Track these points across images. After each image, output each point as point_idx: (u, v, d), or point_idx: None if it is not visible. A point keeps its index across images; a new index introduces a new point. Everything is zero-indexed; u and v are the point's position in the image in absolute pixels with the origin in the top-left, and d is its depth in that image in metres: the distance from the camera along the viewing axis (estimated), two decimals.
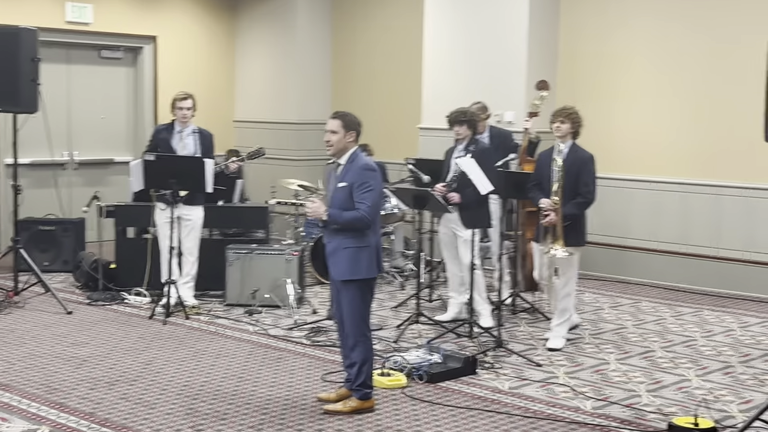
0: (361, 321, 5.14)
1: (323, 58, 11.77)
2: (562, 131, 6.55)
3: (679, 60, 8.95)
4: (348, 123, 5.16)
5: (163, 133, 7.64)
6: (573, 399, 5.50)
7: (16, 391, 5.45)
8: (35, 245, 9.06)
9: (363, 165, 5.09)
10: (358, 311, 5.12)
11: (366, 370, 5.15)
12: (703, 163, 8.86)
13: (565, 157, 6.53)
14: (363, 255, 5.06)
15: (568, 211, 6.46)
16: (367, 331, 5.17)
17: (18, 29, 7.51)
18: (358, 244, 5.04)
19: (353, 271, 5.06)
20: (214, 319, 7.34)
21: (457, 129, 7.09)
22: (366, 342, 5.15)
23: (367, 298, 5.17)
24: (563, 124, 6.54)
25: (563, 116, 6.54)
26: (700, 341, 6.95)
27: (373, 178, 5.06)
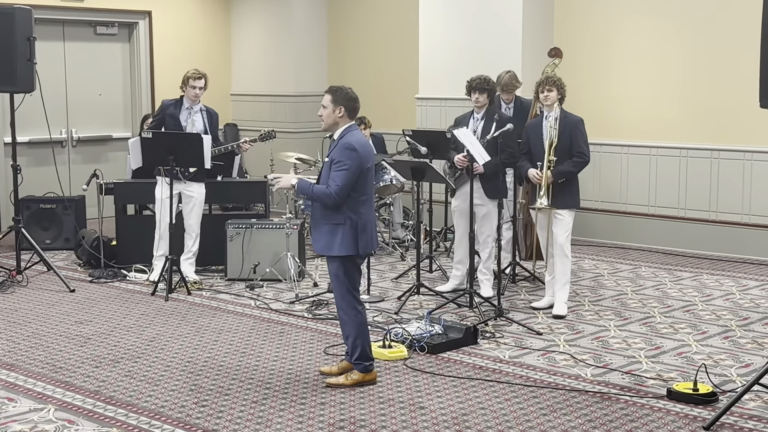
0: (348, 295, 5.15)
1: (319, 29, 11.73)
2: (551, 99, 6.61)
3: (676, 23, 8.93)
4: (337, 98, 5.15)
5: (171, 109, 7.63)
6: (573, 367, 5.55)
7: (21, 371, 5.51)
8: (36, 223, 9.11)
9: (345, 143, 5.06)
10: (343, 286, 5.14)
11: (360, 344, 5.17)
12: (700, 127, 8.87)
13: (559, 123, 6.59)
14: (338, 232, 5.07)
15: (565, 169, 6.55)
16: (357, 304, 5.17)
17: (13, 9, 7.48)
18: (334, 221, 5.07)
19: (329, 247, 5.10)
20: (216, 295, 7.39)
21: (477, 96, 7.02)
22: (356, 316, 5.15)
23: (352, 273, 5.15)
24: (551, 92, 6.60)
25: (550, 84, 6.60)
26: (699, 306, 7.00)
27: (351, 158, 5.01)
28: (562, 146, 6.57)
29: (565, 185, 6.60)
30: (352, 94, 5.20)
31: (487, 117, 7.03)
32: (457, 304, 6.92)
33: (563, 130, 6.58)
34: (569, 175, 6.57)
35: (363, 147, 5.10)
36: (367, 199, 5.16)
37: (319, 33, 11.74)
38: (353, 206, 5.09)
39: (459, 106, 9.27)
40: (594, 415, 4.78)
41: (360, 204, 5.11)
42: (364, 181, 5.12)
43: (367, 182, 5.15)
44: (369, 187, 5.18)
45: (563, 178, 6.56)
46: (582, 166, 6.64)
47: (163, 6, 11.35)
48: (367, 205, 5.17)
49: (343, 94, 5.17)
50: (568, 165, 6.56)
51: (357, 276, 5.24)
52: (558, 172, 6.55)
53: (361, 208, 5.11)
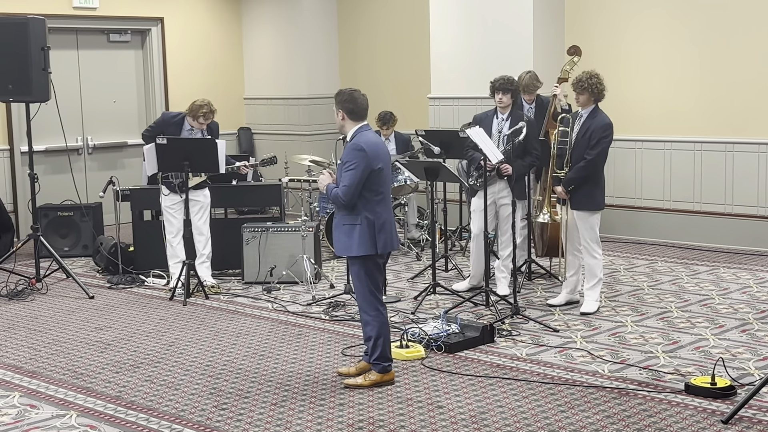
0: (370, 295, 5.18)
1: (329, 31, 11.77)
2: (582, 102, 6.60)
3: (689, 17, 8.90)
4: (336, 102, 5.21)
5: (172, 128, 7.65)
6: (591, 363, 5.56)
7: (43, 378, 5.57)
8: (54, 231, 9.19)
9: (352, 144, 5.10)
10: (365, 287, 5.17)
11: (381, 344, 5.21)
12: (713, 121, 8.85)
13: (583, 123, 6.58)
14: (355, 232, 5.10)
15: (570, 176, 6.56)
16: (379, 305, 5.21)
17: (27, 19, 7.56)
18: (350, 221, 5.12)
19: (347, 247, 5.14)
20: (233, 298, 7.43)
21: (500, 97, 7.02)
22: (378, 317, 5.19)
23: (372, 273, 5.18)
24: (581, 95, 6.57)
25: (579, 89, 6.56)
26: (717, 299, 6.99)
27: (357, 157, 5.04)
28: (581, 149, 6.55)
29: (582, 187, 6.58)
30: (349, 96, 5.18)
31: (512, 117, 7.02)
32: (474, 302, 6.93)
33: (586, 131, 6.54)
34: (575, 181, 6.55)
35: (371, 147, 5.10)
36: (383, 199, 5.19)
37: (330, 35, 11.78)
38: (369, 206, 5.12)
39: (472, 105, 9.29)
40: (612, 411, 4.79)
41: (376, 203, 5.14)
42: (377, 181, 5.13)
43: (382, 181, 5.16)
44: (384, 187, 5.19)
45: (571, 185, 6.57)
46: (587, 170, 6.54)
47: (175, 12, 11.42)
48: (384, 205, 5.19)
49: (340, 97, 5.21)
50: (573, 172, 6.56)
51: (378, 276, 5.26)
52: (565, 181, 6.58)
53: (377, 208, 5.14)
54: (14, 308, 7.29)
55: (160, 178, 7.64)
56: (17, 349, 6.18)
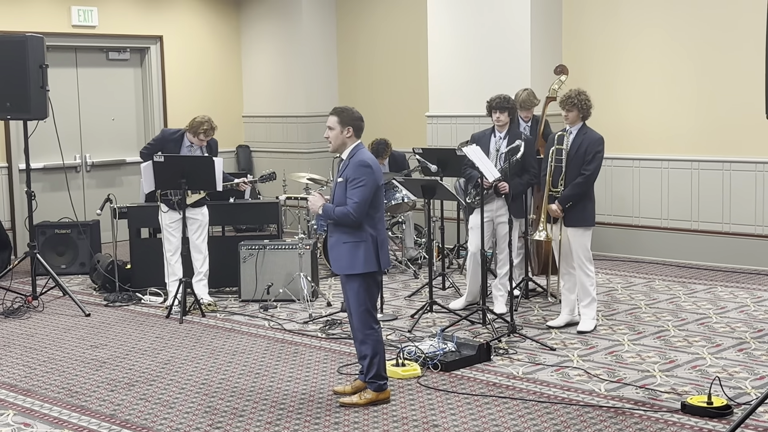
0: (367, 315, 5.18)
1: (329, 49, 11.81)
2: (570, 119, 6.62)
3: (685, 37, 8.94)
4: (344, 119, 5.18)
5: (171, 145, 7.66)
6: (587, 382, 5.54)
7: (37, 396, 5.55)
8: (52, 249, 9.19)
9: (359, 161, 5.10)
10: (363, 305, 5.16)
11: (377, 363, 5.20)
12: (710, 139, 8.86)
13: (574, 139, 6.61)
14: (360, 250, 5.10)
15: (567, 193, 6.57)
16: (374, 323, 5.20)
17: (25, 37, 7.58)
18: (355, 239, 5.10)
19: (352, 265, 5.11)
20: (230, 316, 7.42)
21: (498, 116, 7.03)
22: (373, 335, 5.18)
23: (372, 291, 5.19)
24: (570, 112, 6.60)
25: (568, 105, 6.59)
26: (714, 318, 6.98)
27: (366, 174, 5.05)
28: (575, 166, 6.58)
29: (577, 204, 6.59)
30: (357, 113, 5.25)
31: (510, 136, 7.03)
32: (470, 321, 6.92)
33: (578, 148, 6.57)
34: (572, 198, 6.56)
35: (375, 164, 5.17)
36: (382, 216, 5.24)
37: (329, 53, 11.82)
38: (372, 223, 5.14)
39: (469, 123, 9.31)
40: (608, 430, 4.77)
41: (377, 221, 5.17)
42: (378, 198, 5.18)
43: (381, 199, 5.22)
44: (382, 204, 5.25)
45: (568, 203, 6.58)
46: (584, 187, 6.56)
47: (174, 31, 11.46)
48: (383, 222, 5.25)
49: (349, 114, 5.21)
50: (570, 189, 6.57)
51: (376, 293, 5.27)
52: (562, 198, 6.59)
53: (378, 225, 5.18)
54: (10, 326, 7.27)
55: (159, 196, 7.65)
56: (12, 367, 6.17)
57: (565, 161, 6.60)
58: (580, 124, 6.65)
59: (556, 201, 6.62)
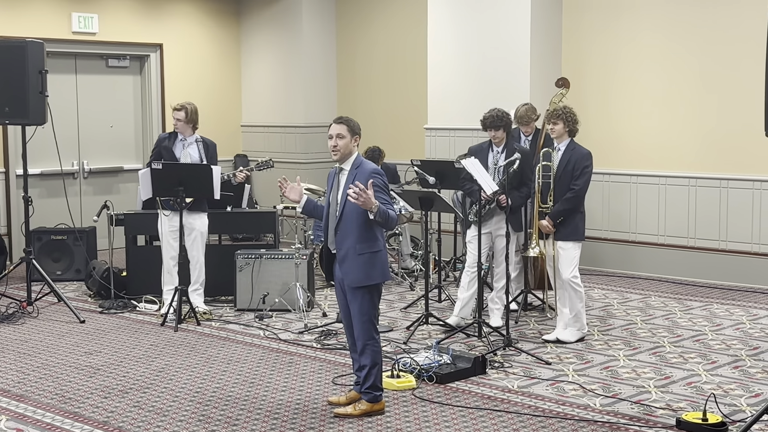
0: (371, 325, 5.18)
1: (328, 60, 11.83)
2: (557, 132, 6.66)
3: (684, 53, 8.96)
4: (353, 128, 5.20)
5: (166, 142, 7.72)
6: (582, 397, 5.53)
7: (30, 402, 5.52)
8: (47, 255, 9.17)
9: (373, 169, 5.13)
10: (368, 315, 5.16)
11: (375, 373, 5.19)
12: (708, 156, 8.88)
13: (562, 156, 6.63)
14: (377, 260, 5.10)
15: (558, 209, 6.59)
16: (376, 334, 5.21)
17: (25, 42, 7.58)
18: (371, 249, 5.08)
19: (369, 276, 5.08)
20: (225, 325, 7.40)
21: (493, 133, 7.02)
22: (374, 345, 5.19)
23: (376, 302, 5.22)
24: (556, 125, 6.64)
25: (554, 117, 6.66)
26: (710, 335, 6.97)
27: (384, 183, 5.17)
28: (564, 182, 6.61)
29: (567, 218, 6.61)
30: (357, 122, 5.31)
31: (507, 149, 7.02)
32: (466, 333, 6.91)
33: (567, 164, 6.60)
34: (563, 213, 6.59)
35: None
36: None
37: (328, 64, 11.84)
38: (381, 233, 5.19)
39: (468, 136, 9.33)
40: None
41: (381, 229, 5.19)
42: None
43: None
44: None
45: (559, 218, 6.60)
46: (574, 202, 6.60)
47: (174, 39, 11.48)
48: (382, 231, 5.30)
49: (355, 124, 5.25)
50: (560, 205, 6.60)
51: (379, 303, 5.30)
52: (553, 213, 6.60)
53: (383, 235, 5.25)
54: (4, 331, 7.24)
55: (159, 201, 7.62)
56: (6, 372, 6.14)
57: (554, 177, 6.63)
58: (567, 140, 6.68)
59: (546, 217, 6.64)
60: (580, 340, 6.76)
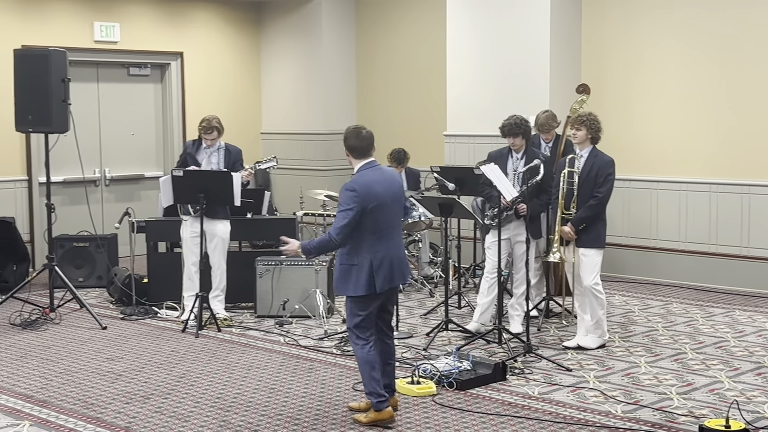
0: (351, 333, 5.18)
1: (348, 68, 11.86)
2: (579, 138, 6.64)
3: (705, 58, 8.92)
4: (344, 144, 5.24)
5: (191, 149, 7.77)
6: (603, 403, 5.51)
7: (53, 407, 5.56)
8: (70, 262, 9.23)
9: (345, 185, 5.12)
10: (351, 323, 5.18)
11: (365, 378, 5.14)
12: (730, 163, 8.83)
13: (585, 162, 6.61)
14: (352, 273, 5.09)
15: (580, 215, 6.57)
16: (357, 340, 5.13)
17: (48, 51, 7.66)
18: (348, 261, 5.10)
19: (343, 287, 5.14)
20: (246, 331, 7.42)
21: (512, 140, 7.02)
22: (357, 351, 5.15)
23: (356, 311, 5.13)
24: (578, 131, 6.63)
25: (578, 123, 6.64)
26: (732, 342, 6.93)
27: (349, 198, 5.02)
28: (586, 189, 6.59)
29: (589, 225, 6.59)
30: (350, 132, 5.23)
31: (527, 156, 7.00)
32: (486, 340, 6.90)
33: (589, 171, 6.58)
34: (585, 220, 6.57)
35: (363, 187, 5.07)
36: (382, 236, 5.12)
37: (348, 72, 11.87)
38: (368, 245, 5.08)
39: (487, 143, 9.31)
40: None
41: (375, 242, 5.08)
42: (374, 219, 5.07)
43: (381, 219, 5.10)
44: (384, 224, 5.12)
45: (582, 224, 6.58)
46: (596, 209, 6.58)
47: (194, 47, 11.55)
48: (383, 242, 5.12)
49: (345, 138, 5.25)
50: (582, 212, 6.58)
51: (366, 314, 5.14)
52: (575, 220, 6.58)
53: (377, 246, 5.09)
54: (27, 337, 7.30)
55: (180, 208, 7.66)
56: (29, 378, 6.19)
57: (577, 184, 6.61)
58: (590, 147, 6.66)
59: (568, 223, 6.62)
60: (601, 346, 6.73)
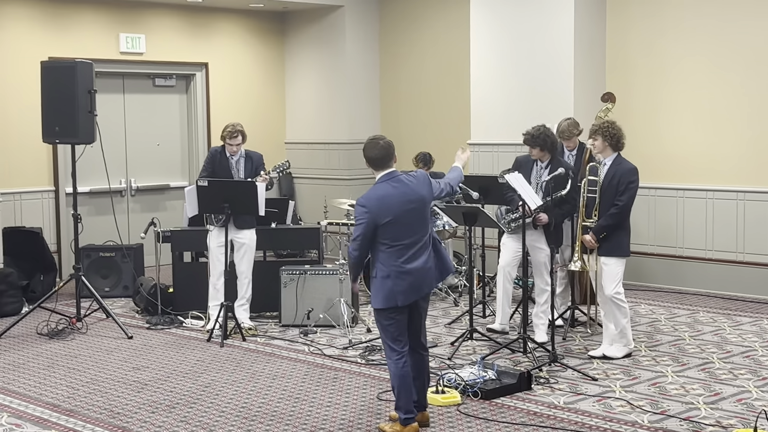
0: (386, 346, 5.17)
1: (371, 77, 11.88)
2: (597, 147, 6.63)
3: (731, 65, 8.86)
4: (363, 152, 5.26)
5: (218, 156, 7.79)
6: (630, 413, 5.47)
7: (80, 417, 5.60)
8: (96, 271, 9.30)
9: (358, 200, 5.13)
10: (382, 335, 5.20)
11: (397, 393, 5.11)
12: (756, 170, 8.75)
13: (607, 170, 6.58)
14: (377, 285, 5.11)
15: (602, 224, 6.53)
16: (394, 354, 5.09)
17: (75, 63, 7.73)
18: (373, 273, 5.16)
19: (373, 299, 5.17)
20: (270, 341, 7.44)
21: (531, 152, 7.07)
22: (391, 366, 5.12)
23: (385, 324, 5.11)
24: (595, 140, 6.61)
25: (593, 133, 6.64)
26: (760, 351, 6.86)
27: (360, 213, 5.04)
28: (609, 197, 6.55)
29: (611, 234, 6.55)
30: (366, 144, 5.22)
31: (552, 166, 7.01)
32: (511, 349, 6.87)
33: (611, 178, 6.54)
34: (607, 229, 6.52)
35: (375, 201, 5.04)
36: (404, 248, 5.06)
37: (372, 81, 11.89)
38: (387, 258, 5.05)
39: (511, 151, 9.26)
40: None
41: (394, 254, 5.04)
42: (390, 233, 5.03)
43: (398, 232, 5.04)
44: (403, 235, 5.05)
45: (602, 233, 6.53)
46: (618, 218, 6.52)
47: (219, 58, 11.62)
48: (405, 253, 5.05)
49: (363, 147, 5.26)
50: (603, 220, 6.54)
51: (400, 326, 5.11)
52: (596, 228, 6.54)
53: (397, 258, 5.04)
54: (54, 347, 7.36)
55: (206, 218, 7.70)
56: (56, 387, 6.24)
57: (599, 192, 6.58)
58: (613, 154, 6.63)
59: (590, 231, 6.58)
60: (627, 356, 6.68)
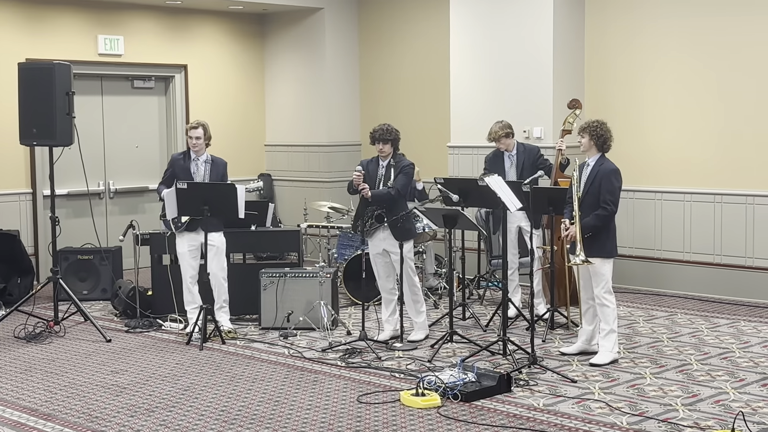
0: None
1: (351, 79, 11.88)
2: (584, 146, 6.67)
3: (708, 69, 8.93)
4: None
5: (181, 162, 7.78)
6: (609, 415, 5.49)
7: (58, 421, 5.56)
8: (74, 274, 9.24)
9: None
10: None
11: None
12: (734, 172, 8.82)
13: (590, 171, 6.61)
14: None
15: (588, 223, 6.53)
16: None
17: (53, 65, 7.69)
18: None
19: None
20: (250, 344, 7.42)
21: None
22: None
23: None
24: (583, 138, 6.66)
25: (582, 131, 6.70)
26: (737, 353, 6.91)
27: None
28: (593, 197, 6.58)
29: (596, 235, 6.57)
30: None
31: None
32: (491, 351, 6.89)
33: (594, 179, 6.58)
34: (593, 229, 6.54)
35: None
36: None
37: (351, 83, 11.89)
38: None
39: None
40: None
41: None
42: None
43: None
44: None
45: (589, 232, 6.55)
46: (604, 219, 6.54)
47: (198, 60, 11.58)
48: None
49: None
50: (590, 219, 6.54)
51: None
52: (583, 226, 6.56)
53: None
54: (32, 351, 7.31)
55: (171, 221, 7.64)
56: (33, 391, 6.19)
57: (582, 192, 6.61)
58: (597, 155, 6.66)
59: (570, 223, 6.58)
60: (613, 362, 6.67)
